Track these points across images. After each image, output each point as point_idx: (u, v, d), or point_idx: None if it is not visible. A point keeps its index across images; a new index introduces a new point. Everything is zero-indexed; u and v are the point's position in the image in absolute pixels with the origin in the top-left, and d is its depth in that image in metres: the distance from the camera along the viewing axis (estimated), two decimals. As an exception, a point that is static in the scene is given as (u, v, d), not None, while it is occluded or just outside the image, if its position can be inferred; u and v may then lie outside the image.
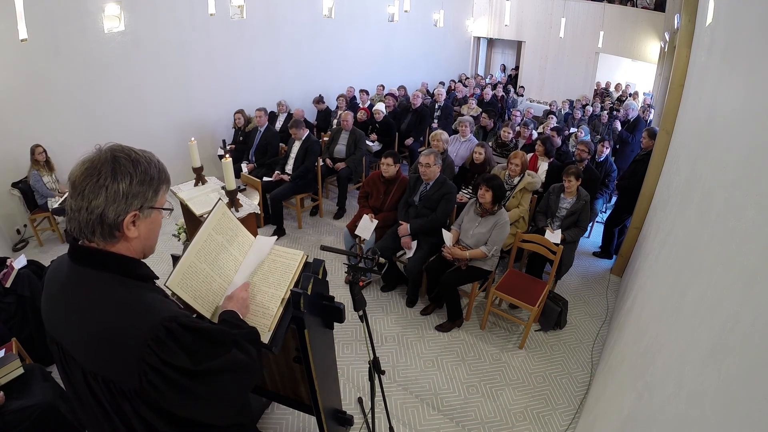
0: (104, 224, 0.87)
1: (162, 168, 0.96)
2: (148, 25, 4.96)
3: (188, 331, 0.90)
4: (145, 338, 0.84)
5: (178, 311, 0.94)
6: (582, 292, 3.85)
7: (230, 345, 1.00)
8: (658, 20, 8.07)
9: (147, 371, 0.84)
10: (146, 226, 0.95)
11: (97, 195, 0.85)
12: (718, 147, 1.50)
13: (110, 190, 0.86)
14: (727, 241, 1.05)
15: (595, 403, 2.23)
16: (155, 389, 0.85)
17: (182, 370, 0.87)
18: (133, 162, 0.89)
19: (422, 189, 3.44)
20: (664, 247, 2.11)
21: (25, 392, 2.04)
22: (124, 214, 0.88)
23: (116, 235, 0.90)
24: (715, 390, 0.81)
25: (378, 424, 2.34)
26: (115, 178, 0.86)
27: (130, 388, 0.87)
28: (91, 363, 0.89)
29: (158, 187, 0.94)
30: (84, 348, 0.90)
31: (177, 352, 0.86)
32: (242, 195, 2.92)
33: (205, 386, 0.91)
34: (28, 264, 2.91)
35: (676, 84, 3.41)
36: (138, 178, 0.89)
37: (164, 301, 0.98)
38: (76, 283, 0.91)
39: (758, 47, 1.23)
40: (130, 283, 0.93)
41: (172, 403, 0.89)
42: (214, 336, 0.97)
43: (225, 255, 1.33)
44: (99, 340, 0.87)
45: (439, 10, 8.45)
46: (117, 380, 0.88)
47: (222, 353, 0.97)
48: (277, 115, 6.17)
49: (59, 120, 4.53)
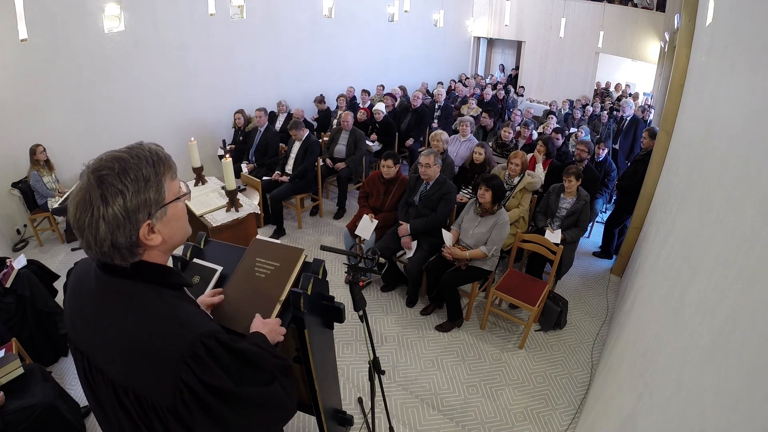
0: (121, 249, 0.81)
1: (158, 158, 0.85)
2: (148, 25, 4.96)
3: (227, 350, 0.85)
4: (182, 354, 0.79)
5: (216, 327, 0.89)
6: (582, 292, 3.85)
7: (272, 376, 0.95)
8: (658, 20, 8.07)
9: (182, 390, 0.79)
10: (167, 224, 0.86)
11: (98, 228, 0.78)
12: (718, 147, 1.50)
13: (108, 217, 0.77)
14: (727, 241, 1.05)
15: (595, 403, 2.23)
16: (187, 409, 0.80)
17: (219, 391, 0.82)
18: (120, 173, 0.78)
19: (422, 189, 3.44)
20: (664, 247, 2.11)
21: (25, 392, 2.04)
22: (136, 232, 0.81)
23: (138, 251, 0.84)
24: (715, 390, 0.81)
25: (378, 424, 2.34)
26: (106, 202, 0.77)
27: (162, 404, 0.82)
28: (124, 377, 0.84)
29: (160, 182, 0.84)
30: (117, 362, 0.85)
31: (215, 372, 0.82)
32: (242, 195, 2.92)
33: (237, 416, 0.85)
34: (28, 264, 2.91)
35: (676, 84, 3.40)
36: (132, 189, 0.79)
37: (200, 314, 0.93)
38: (108, 293, 0.86)
39: (758, 47, 1.23)
40: (165, 294, 0.88)
41: (202, 427, 0.83)
42: (255, 359, 0.92)
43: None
44: (133, 354, 0.82)
45: (439, 10, 8.45)
46: (150, 396, 0.82)
47: (263, 381, 0.92)
48: (277, 115, 6.17)
49: (59, 120, 4.53)
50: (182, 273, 0.97)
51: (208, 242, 1.67)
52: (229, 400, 0.83)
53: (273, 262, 1.45)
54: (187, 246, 1.60)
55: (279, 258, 1.46)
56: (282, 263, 1.44)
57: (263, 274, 1.44)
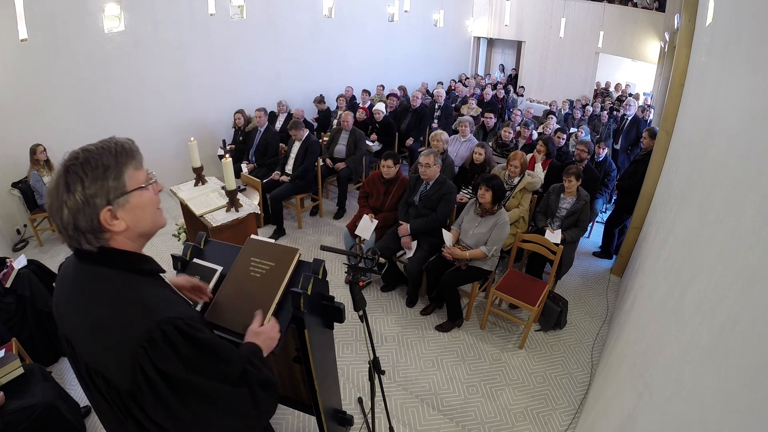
0: (84, 233, 0.86)
1: (121, 149, 0.90)
2: (148, 25, 4.96)
3: (187, 338, 0.86)
4: (140, 339, 0.82)
5: (184, 312, 0.91)
6: (582, 292, 3.85)
7: (238, 372, 0.94)
8: (658, 20, 8.07)
9: (138, 374, 0.82)
10: (130, 212, 0.90)
11: (62, 212, 0.84)
12: (718, 147, 1.50)
13: (69, 203, 0.84)
14: (727, 241, 1.05)
15: (595, 403, 2.23)
16: (143, 395, 0.83)
17: (172, 378, 0.83)
18: (83, 163, 0.85)
19: (422, 189, 3.44)
20: (664, 247, 2.11)
21: (25, 392, 2.04)
22: (96, 216, 0.85)
23: (103, 236, 0.89)
24: (715, 390, 0.81)
25: (378, 424, 2.34)
26: (68, 189, 0.84)
27: (124, 388, 0.85)
28: (93, 360, 0.88)
29: (120, 171, 0.88)
30: (86, 344, 0.89)
31: (170, 358, 0.83)
32: (242, 195, 2.92)
33: (189, 410, 0.85)
34: (28, 264, 2.91)
35: (676, 84, 3.40)
36: (89, 177, 0.85)
37: (170, 299, 0.95)
38: (81, 280, 0.91)
39: (758, 47, 1.23)
40: (134, 279, 0.91)
41: (154, 415, 0.85)
42: (220, 351, 0.91)
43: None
44: (99, 337, 0.86)
45: (439, 10, 8.45)
46: (114, 379, 0.86)
47: (228, 378, 0.91)
48: (277, 115, 6.17)
49: (59, 120, 4.53)
50: (154, 260, 0.98)
51: (208, 242, 1.67)
52: (180, 390, 0.84)
53: (268, 262, 1.45)
54: (187, 246, 1.60)
55: (274, 258, 1.46)
56: (277, 263, 1.44)
57: (258, 274, 1.44)
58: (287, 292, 1.40)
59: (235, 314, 1.37)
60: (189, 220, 3.15)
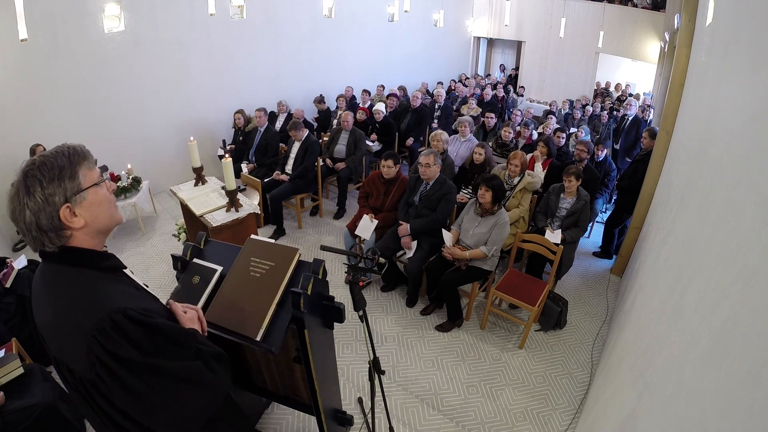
0: (46, 232, 0.92)
1: (73, 151, 0.97)
2: (148, 25, 4.96)
3: (138, 325, 0.92)
4: (91, 329, 0.87)
5: (138, 304, 0.96)
6: (582, 292, 3.85)
7: (193, 352, 1.01)
8: (658, 20, 8.07)
9: (94, 362, 0.87)
10: (88, 208, 0.96)
11: (24, 215, 0.90)
12: (718, 147, 1.50)
13: (31, 204, 0.90)
14: (727, 240, 1.05)
15: (595, 403, 2.23)
16: (102, 381, 0.88)
17: (128, 362, 0.88)
18: (40, 167, 0.91)
19: (422, 189, 3.44)
20: (664, 247, 2.11)
21: (25, 392, 2.04)
22: (56, 213, 0.91)
23: (64, 233, 0.94)
24: (715, 390, 0.81)
25: (378, 424, 2.34)
26: (28, 192, 0.90)
27: (85, 377, 0.90)
28: (59, 353, 0.94)
29: (74, 170, 0.95)
30: (52, 338, 0.95)
31: (123, 345, 0.88)
32: (242, 195, 2.92)
33: (154, 388, 0.91)
34: (28, 264, 2.92)
35: (676, 84, 3.40)
36: (47, 178, 0.91)
37: (127, 292, 1.00)
38: (46, 279, 0.97)
39: (758, 47, 1.23)
40: (92, 275, 0.97)
41: (118, 400, 0.90)
42: (171, 334, 0.98)
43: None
44: (55, 329, 0.93)
45: (439, 10, 8.45)
46: (76, 369, 0.91)
47: (182, 356, 0.98)
48: (277, 115, 6.17)
49: (59, 120, 4.53)
50: (116, 257, 1.05)
51: (208, 242, 1.67)
52: (139, 372, 0.90)
53: (268, 262, 1.46)
54: (187, 246, 1.60)
55: (274, 258, 1.46)
56: (277, 263, 1.44)
57: (258, 274, 1.44)
58: (287, 292, 1.41)
59: (235, 314, 1.37)
60: (189, 220, 3.16)
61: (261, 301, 1.37)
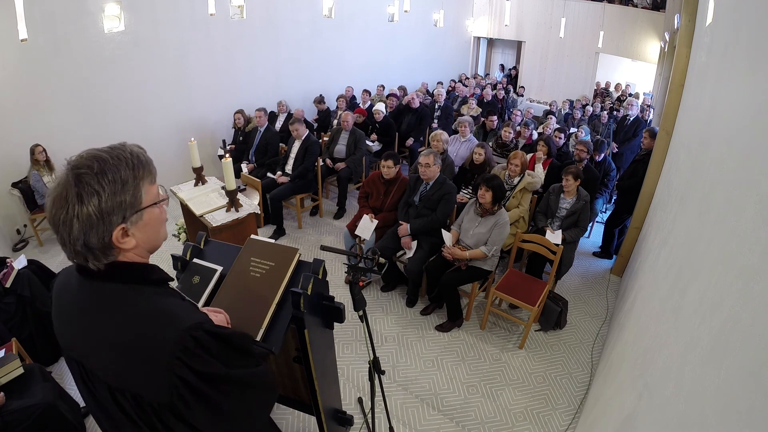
0: (93, 250, 0.80)
1: (138, 161, 0.84)
2: (148, 25, 4.96)
3: (215, 338, 0.86)
4: (172, 350, 0.79)
5: (200, 317, 0.90)
6: (582, 292, 3.85)
7: (257, 357, 0.98)
8: (658, 20, 8.07)
9: (178, 385, 0.80)
10: (141, 229, 0.86)
11: (71, 227, 0.77)
12: (718, 147, 1.50)
13: (81, 217, 0.77)
14: (727, 240, 1.05)
15: (595, 403, 2.23)
16: (184, 402, 0.81)
17: (215, 377, 0.84)
18: (98, 173, 0.78)
19: (422, 189, 3.44)
20: (664, 247, 2.11)
21: (25, 392, 2.04)
22: (109, 234, 0.80)
23: (112, 253, 0.83)
24: (715, 390, 0.81)
25: (378, 424, 2.34)
26: (81, 201, 0.76)
27: (159, 402, 0.82)
28: (119, 380, 0.84)
29: (137, 186, 0.83)
30: (108, 365, 0.85)
31: (207, 360, 0.83)
32: (242, 195, 2.92)
33: (233, 398, 0.87)
34: (28, 264, 2.91)
35: (676, 84, 3.40)
36: (108, 190, 0.78)
37: (184, 306, 0.93)
38: (91, 299, 0.86)
39: (758, 47, 1.23)
40: (147, 291, 0.88)
41: (200, 420, 0.85)
42: (239, 342, 0.94)
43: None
44: (123, 356, 0.82)
45: (439, 10, 8.45)
46: (146, 394, 0.83)
47: (251, 364, 0.95)
48: (277, 115, 6.17)
49: (59, 120, 4.53)
50: (161, 269, 0.95)
51: (208, 242, 1.67)
52: (222, 385, 0.85)
53: (268, 262, 1.45)
54: (187, 246, 1.60)
55: (274, 258, 1.46)
56: (277, 263, 1.44)
57: (258, 274, 1.44)
58: (287, 292, 1.40)
59: (235, 314, 1.37)
60: (189, 220, 3.16)
61: (261, 301, 1.37)
